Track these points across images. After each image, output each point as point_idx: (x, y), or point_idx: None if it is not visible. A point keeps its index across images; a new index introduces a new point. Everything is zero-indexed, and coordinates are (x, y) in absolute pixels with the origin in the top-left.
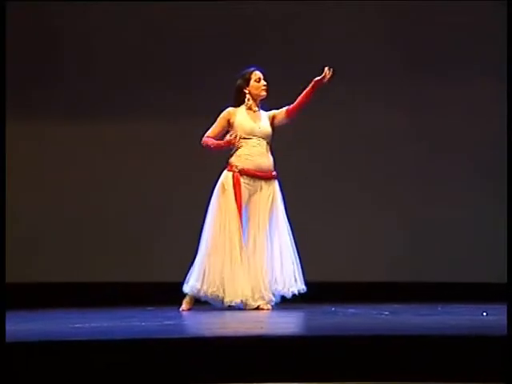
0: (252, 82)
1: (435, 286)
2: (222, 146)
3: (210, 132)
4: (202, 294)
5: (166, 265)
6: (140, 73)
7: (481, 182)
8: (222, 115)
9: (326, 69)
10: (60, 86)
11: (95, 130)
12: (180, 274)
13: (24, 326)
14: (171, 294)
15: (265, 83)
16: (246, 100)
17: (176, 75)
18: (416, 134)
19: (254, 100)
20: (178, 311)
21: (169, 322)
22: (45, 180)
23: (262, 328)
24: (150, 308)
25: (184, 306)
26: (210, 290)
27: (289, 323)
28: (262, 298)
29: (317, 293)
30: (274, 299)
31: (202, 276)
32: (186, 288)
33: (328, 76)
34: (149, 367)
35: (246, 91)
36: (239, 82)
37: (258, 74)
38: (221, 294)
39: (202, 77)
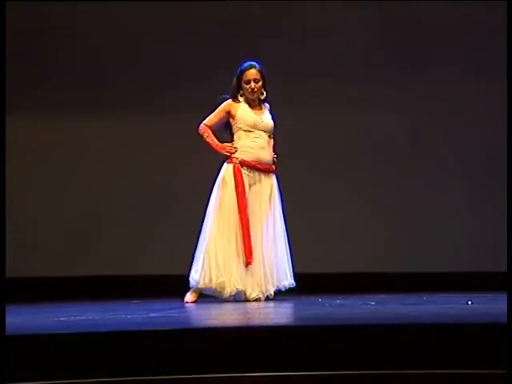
0: (242, 83)
1: (421, 276)
2: (217, 151)
3: (207, 121)
4: (201, 286)
5: (155, 258)
6: (138, 69)
7: (465, 176)
8: (222, 107)
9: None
10: (57, 82)
11: (94, 127)
12: (167, 267)
13: (8, 319)
14: (157, 286)
15: (252, 86)
16: (241, 97)
17: (174, 72)
18: (408, 133)
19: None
20: (164, 304)
21: (154, 315)
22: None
23: (249, 319)
24: (135, 301)
25: (187, 297)
26: (212, 282)
27: (276, 314)
28: (263, 291)
29: (304, 284)
30: (272, 293)
31: (200, 269)
32: (191, 281)
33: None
34: (134, 359)
35: (240, 90)
36: (234, 79)
37: (248, 74)
38: (220, 287)
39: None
